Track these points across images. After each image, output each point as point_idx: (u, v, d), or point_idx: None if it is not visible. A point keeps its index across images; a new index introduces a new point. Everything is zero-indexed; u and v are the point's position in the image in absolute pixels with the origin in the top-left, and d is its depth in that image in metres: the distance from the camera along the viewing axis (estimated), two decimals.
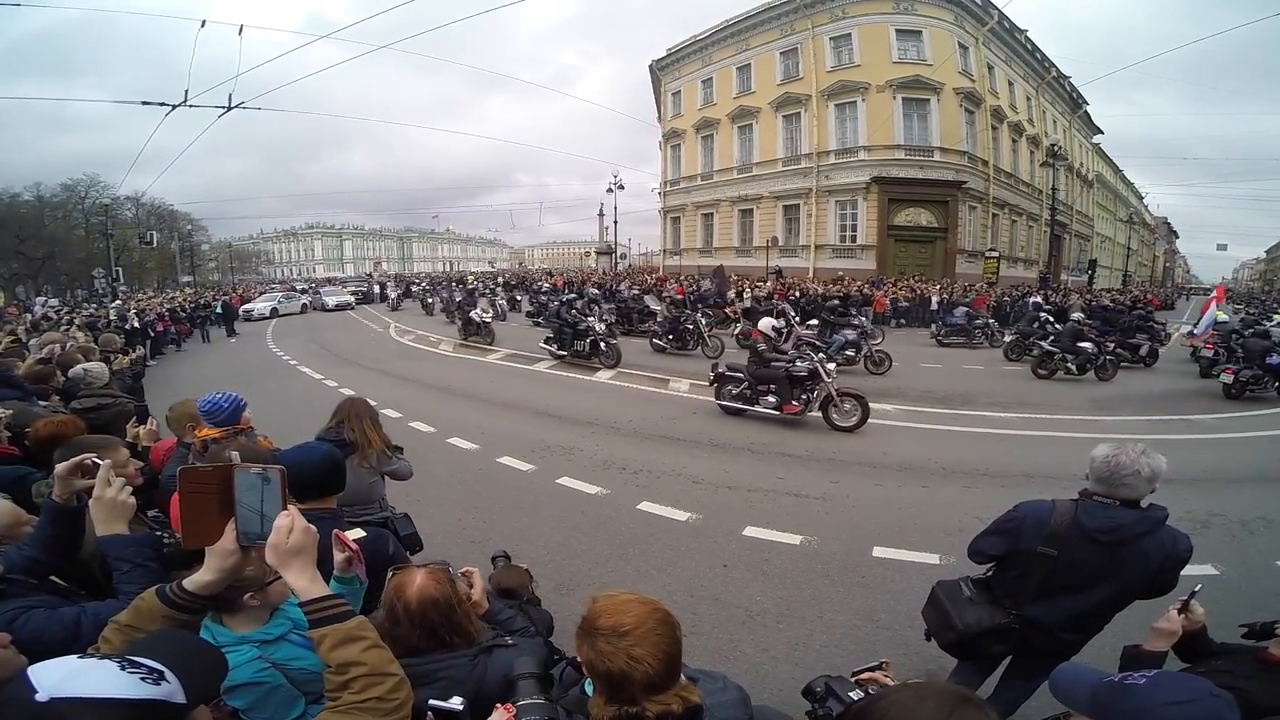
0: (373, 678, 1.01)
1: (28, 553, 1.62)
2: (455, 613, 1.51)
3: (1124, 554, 2.00)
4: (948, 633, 2.26)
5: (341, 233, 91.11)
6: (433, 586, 1.50)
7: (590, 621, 1.18)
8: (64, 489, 1.62)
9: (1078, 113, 38.80)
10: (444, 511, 5.04)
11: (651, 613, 1.18)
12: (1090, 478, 2.08)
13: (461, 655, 1.49)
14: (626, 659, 1.11)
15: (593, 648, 1.14)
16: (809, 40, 29.56)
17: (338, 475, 2.06)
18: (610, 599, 1.22)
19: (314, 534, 1.10)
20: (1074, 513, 2.07)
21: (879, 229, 28.32)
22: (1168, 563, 2.01)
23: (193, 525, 1.11)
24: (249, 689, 1.39)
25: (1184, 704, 1.01)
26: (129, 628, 1.10)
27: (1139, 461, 1.96)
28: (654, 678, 1.12)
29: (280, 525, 1.06)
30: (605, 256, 42.40)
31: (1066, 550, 2.05)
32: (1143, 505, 2.03)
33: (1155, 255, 67.94)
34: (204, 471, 1.14)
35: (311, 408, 9.29)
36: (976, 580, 2.36)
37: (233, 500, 1.10)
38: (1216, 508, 4.99)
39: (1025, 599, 2.15)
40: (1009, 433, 7.60)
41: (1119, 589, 2.07)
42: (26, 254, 35.54)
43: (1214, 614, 1.80)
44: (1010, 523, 2.21)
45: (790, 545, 4.43)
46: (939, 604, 2.34)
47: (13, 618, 1.42)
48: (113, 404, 4.25)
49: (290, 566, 1.05)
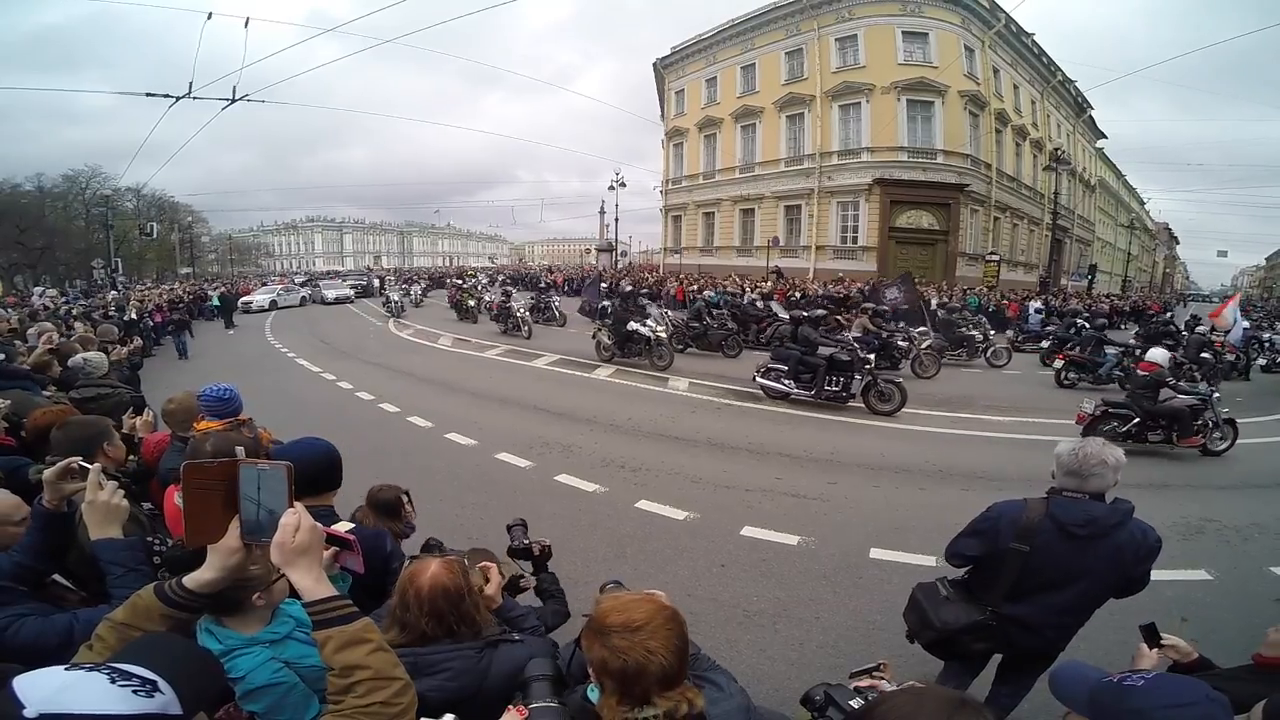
0: (377, 681, 1.00)
1: (17, 558, 1.61)
2: (464, 602, 1.53)
3: (1098, 547, 2.05)
4: (927, 632, 2.31)
5: (342, 226, 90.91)
6: (445, 575, 1.51)
7: (600, 621, 1.20)
8: (53, 494, 1.60)
9: (1082, 117, 38.75)
10: (441, 508, 5.03)
11: (660, 609, 1.21)
12: (1059, 474, 2.15)
13: (467, 647, 1.50)
14: (643, 651, 1.13)
15: (605, 645, 1.16)
16: (814, 41, 29.50)
17: (335, 471, 2.04)
18: (616, 599, 1.25)
19: (320, 532, 1.08)
20: (1046, 508, 2.12)
21: (880, 230, 28.31)
22: (1140, 553, 2.06)
23: (196, 522, 1.09)
24: (268, 691, 1.37)
25: (1182, 706, 1.02)
26: (125, 625, 1.08)
27: (1103, 451, 2.07)
28: (668, 670, 1.14)
29: (286, 523, 1.04)
30: (606, 254, 42.36)
31: (1040, 545, 2.10)
32: (1107, 500, 2.09)
33: (1156, 261, 67.87)
34: (209, 468, 1.12)
35: (309, 401, 9.33)
36: (954, 580, 2.41)
37: (237, 497, 1.08)
38: (1209, 514, 5.01)
39: (999, 595, 2.19)
40: (1007, 436, 7.61)
41: (1094, 583, 2.11)
42: (26, 244, 35.38)
43: (1208, 619, 1.81)
44: (986, 523, 2.25)
45: (788, 546, 4.44)
46: (917, 605, 2.39)
47: (4, 625, 1.41)
48: (112, 394, 4.27)
49: (296, 566, 1.03)
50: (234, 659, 1.40)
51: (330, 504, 2.02)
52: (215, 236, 59.99)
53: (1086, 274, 32.21)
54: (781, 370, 8.68)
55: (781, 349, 9.25)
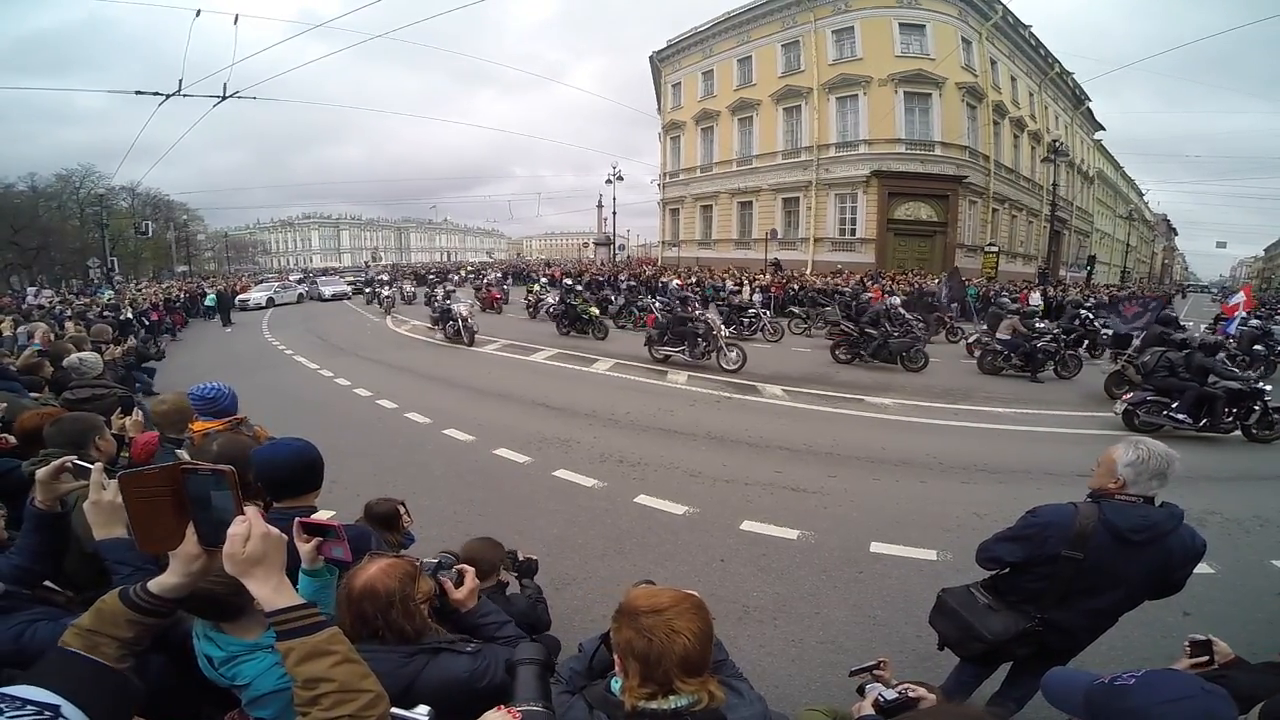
0: (343, 694, 0.95)
1: (15, 561, 1.60)
2: (394, 609, 1.46)
3: (1149, 552, 1.99)
4: (975, 644, 2.21)
5: (339, 223, 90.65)
6: (380, 580, 1.47)
7: (629, 606, 1.27)
8: (47, 494, 1.57)
9: (1079, 109, 38.66)
10: (439, 504, 5.02)
11: (686, 597, 1.29)
12: (1136, 480, 2.02)
13: (393, 651, 1.45)
14: (667, 629, 1.18)
15: (633, 625, 1.21)
16: (811, 33, 29.38)
17: (313, 472, 1.96)
18: (643, 589, 1.34)
19: (276, 537, 1.02)
20: (1099, 514, 2.02)
21: (878, 223, 28.29)
22: (1187, 558, 2.01)
23: (147, 531, 1.05)
24: (275, 697, 1.35)
25: (1179, 701, 1.01)
26: (91, 632, 1.03)
27: (1167, 453, 2.01)
28: (691, 652, 1.18)
29: (234, 533, 0.98)
30: (604, 248, 42.31)
31: (1094, 552, 2.01)
32: (1156, 504, 2.03)
33: (1154, 252, 67.95)
34: (148, 475, 1.07)
35: (307, 398, 9.29)
36: (987, 585, 2.31)
37: (187, 502, 1.03)
38: (1213, 506, 4.98)
39: (1050, 603, 2.11)
40: (1007, 428, 7.60)
41: (1136, 587, 2.06)
42: (20, 244, 35.21)
43: (1210, 613, 1.79)
44: (1031, 529, 2.14)
45: (788, 540, 4.42)
46: (954, 615, 2.28)
47: (20, 632, 1.42)
48: (106, 394, 4.22)
49: (251, 575, 0.98)
50: (237, 665, 1.38)
51: (312, 504, 1.96)
52: (211, 234, 59.78)
53: (1085, 265, 32.24)
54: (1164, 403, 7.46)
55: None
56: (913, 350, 11.12)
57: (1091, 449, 2.21)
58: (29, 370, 5.01)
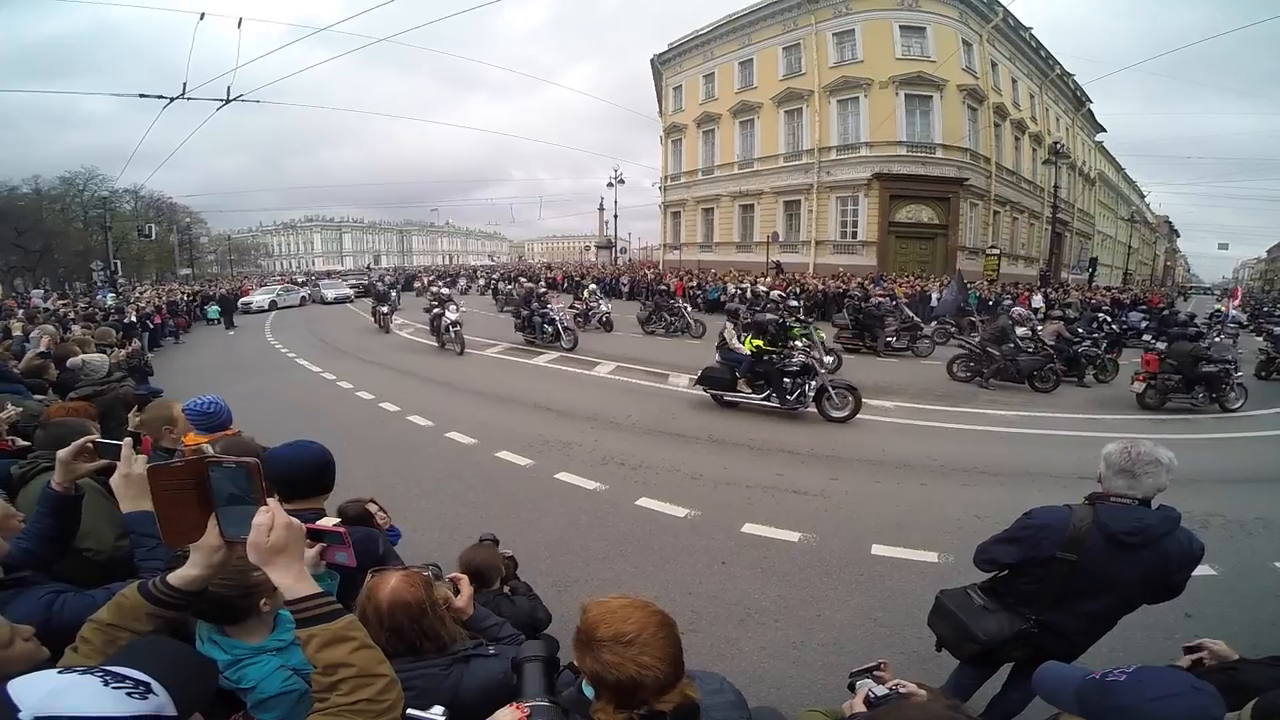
0: (362, 679, 0.98)
1: (25, 545, 1.60)
2: (427, 616, 1.47)
3: (1144, 555, 1.98)
4: (969, 645, 2.22)
5: (341, 226, 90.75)
6: (405, 589, 1.47)
7: (588, 632, 1.15)
8: (66, 475, 1.59)
9: (1080, 111, 38.62)
10: (441, 506, 5.03)
11: (650, 616, 1.16)
12: (1109, 476, 2.05)
13: (433, 664, 1.45)
14: (636, 668, 1.09)
15: (597, 659, 1.11)
16: (812, 36, 29.41)
17: (327, 475, 2.00)
18: (603, 606, 1.19)
19: (298, 529, 1.05)
20: (1094, 516, 2.02)
21: (880, 225, 28.27)
22: (1184, 561, 2.00)
23: (172, 524, 1.08)
24: (280, 700, 1.36)
25: (1169, 698, 1.02)
26: (111, 626, 1.06)
27: (1156, 451, 1.98)
28: (664, 681, 1.11)
29: (259, 523, 1.01)
30: (605, 250, 42.34)
31: (1088, 555, 2.01)
32: (1153, 506, 2.02)
33: (1156, 254, 67.75)
34: (176, 469, 1.10)
35: (309, 401, 9.32)
36: (984, 587, 2.31)
37: (210, 495, 1.06)
38: (1214, 508, 4.98)
39: (1045, 605, 2.11)
40: (1008, 431, 7.60)
41: (1133, 590, 2.05)
42: (24, 247, 35.33)
43: (1212, 615, 1.79)
44: (1026, 530, 2.15)
45: (789, 542, 4.42)
46: (951, 616, 2.29)
47: (50, 602, 1.42)
48: (106, 390, 4.26)
49: (274, 564, 1.02)
50: (242, 669, 1.39)
51: (321, 507, 1.98)
52: (214, 237, 59.87)
53: (1087, 267, 32.16)
54: None
55: None
56: (1045, 369, 9.73)
57: (1096, 451, 2.20)
58: (33, 373, 5.04)
